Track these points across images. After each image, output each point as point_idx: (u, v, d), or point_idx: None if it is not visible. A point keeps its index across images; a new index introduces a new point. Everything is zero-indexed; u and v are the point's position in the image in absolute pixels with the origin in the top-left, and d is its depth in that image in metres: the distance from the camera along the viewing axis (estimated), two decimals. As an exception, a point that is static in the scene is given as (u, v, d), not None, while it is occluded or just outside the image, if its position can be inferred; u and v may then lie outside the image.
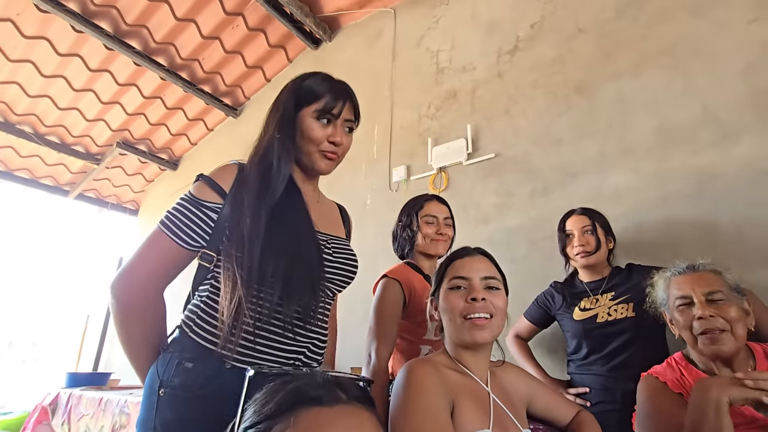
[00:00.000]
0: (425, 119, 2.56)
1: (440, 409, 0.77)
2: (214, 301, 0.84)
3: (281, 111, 0.96)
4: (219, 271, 0.85)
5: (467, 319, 0.88)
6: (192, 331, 0.83)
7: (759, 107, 1.56)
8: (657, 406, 1.11)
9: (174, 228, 0.83)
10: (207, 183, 0.88)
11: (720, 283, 1.12)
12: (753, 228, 1.48)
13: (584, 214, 1.58)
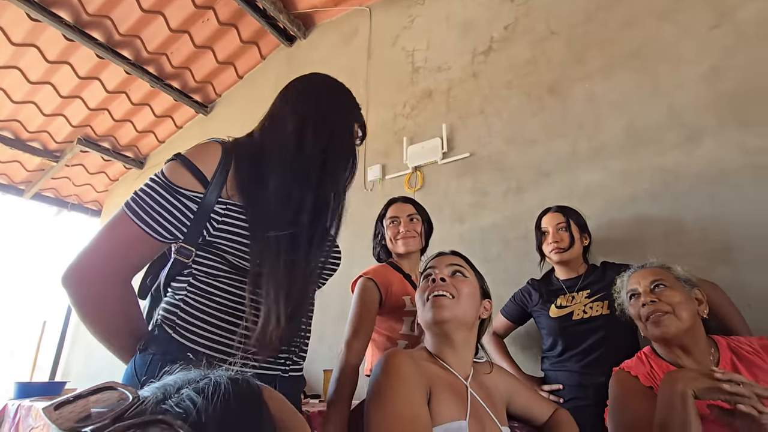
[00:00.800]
0: (401, 118, 2.55)
1: (416, 396, 0.75)
2: (196, 301, 0.77)
3: (349, 119, 0.92)
4: (197, 268, 0.78)
5: (428, 299, 0.91)
6: (176, 332, 0.75)
7: (720, 110, 1.62)
8: (628, 399, 1.12)
9: (143, 215, 0.73)
10: (185, 166, 0.76)
11: (665, 274, 1.18)
12: (715, 225, 1.53)
13: (559, 212, 1.60)
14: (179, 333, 0.75)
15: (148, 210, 0.73)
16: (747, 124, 1.55)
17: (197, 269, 0.78)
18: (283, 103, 0.89)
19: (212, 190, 0.76)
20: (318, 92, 0.91)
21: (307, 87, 0.92)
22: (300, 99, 0.89)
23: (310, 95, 0.90)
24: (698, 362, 1.10)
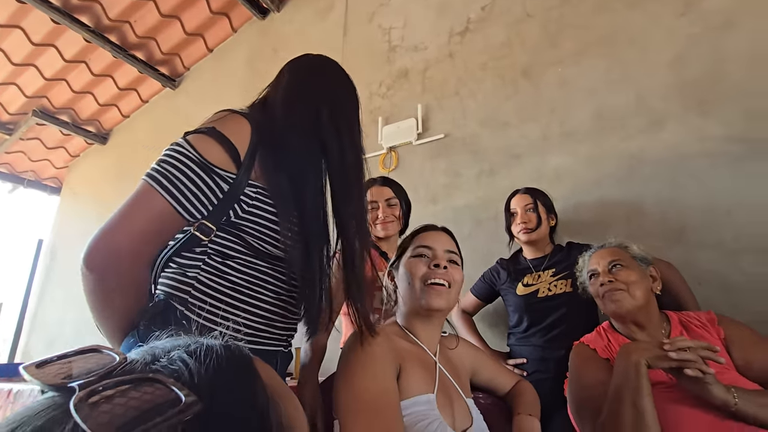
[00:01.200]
0: (376, 97, 2.53)
1: (386, 373, 0.77)
2: (210, 279, 0.76)
3: (355, 106, 0.92)
4: (214, 248, 0.76)
5: (427, 284, 0.89)
6: (188, 308, 0.73)
7: (683, 96, 1.69)
8: (586, 370, 1.18)
9: (173, 189, 0.69)
10: (220, 142, 0.73)
11: (622, 254, 1.25)
12: (672, 208, 1.61)
13: (527, 193, 1.64)
14: (191, 310, 0.73)
15: (179, 185, 0.69)
16: (707, 112, 1.62)
17: (213, 248, 0.76)
18: (297, 84, 0.88)
19: (244, 171, 0.74)
20: (332, 79, 0.91)
21: (319, 70, 0.92)
22: (315, 84, 0.88)
23: (324, 82, 0.89)
24: (651, 336, 1.17)
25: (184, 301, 0.73)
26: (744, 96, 1.57)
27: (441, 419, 0.76)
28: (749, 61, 1.59)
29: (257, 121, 0.80)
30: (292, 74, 0.90)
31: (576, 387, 1.17)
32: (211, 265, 0.76)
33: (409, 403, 0.76)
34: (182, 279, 0.75)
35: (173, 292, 0.75)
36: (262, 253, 0.78)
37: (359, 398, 0.71)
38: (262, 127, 0.79)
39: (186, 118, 3.52)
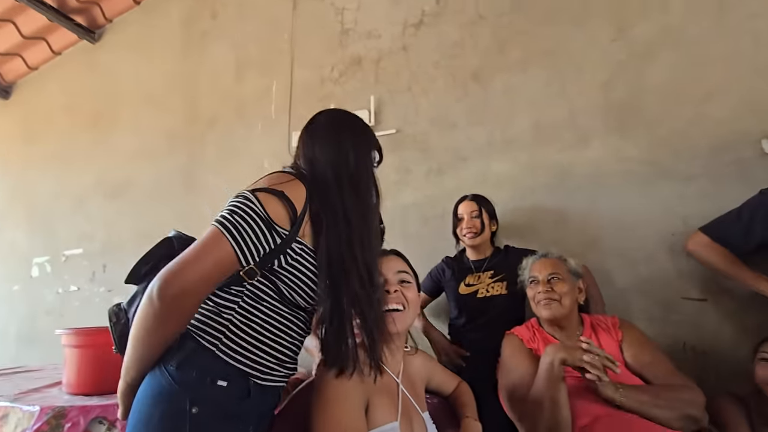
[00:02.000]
0: (328, 83, 2.49)
1: (355, 408, 0.89)
2: (244, 323, 0.85)
3: (372, 159, 1.06)
4: (252, 291, 0.86)
5: (387, 310, 1.00)
6: (220, 350, 0.82)
7: (608, 117, 1.91)
8: (514, 357, 1.41)
9: (240, 241, 0.79)
10: (284, 204, 0.84)
11: (560, 266, 1.47)
12: (590, 219, 1.86)
13: (473, 200, 1.81)
14: (224, 352, 0.82)
15: (245, 236, 0.80)
16: (625, 135, 1.86)
17: (250, 291, 0.86)
18: (333, 148, 0.97)
19: (296, 229, 0.85)
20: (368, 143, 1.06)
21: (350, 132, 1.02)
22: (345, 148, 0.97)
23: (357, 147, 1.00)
24: (568, 336, 1.42)
25: (216, 344, 0.82)
26: (654, 124, 1.82)
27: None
28: (663, 92, 1.83)
29: (309, 185, 0.90)
30: (324, 137, 0.99)
31: (506, 374, 1.40)
32: (245, 309, 0.85)
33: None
34: (217, 320, 0.84)
35: (207, 330, 0.84)
36: (290, 302, 0.89)
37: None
38: (314, 191, 0.90)
39: (108, 76, 3.19)
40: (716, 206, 1.58)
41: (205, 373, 0.80)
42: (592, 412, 1.19)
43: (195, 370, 0.79)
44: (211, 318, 0.85)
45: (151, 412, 0.78)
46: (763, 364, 1.25)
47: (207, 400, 0.78)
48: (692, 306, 1.65)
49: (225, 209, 0.82)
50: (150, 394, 0.79)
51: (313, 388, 0.93)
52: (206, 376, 0.80)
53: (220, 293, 0.87)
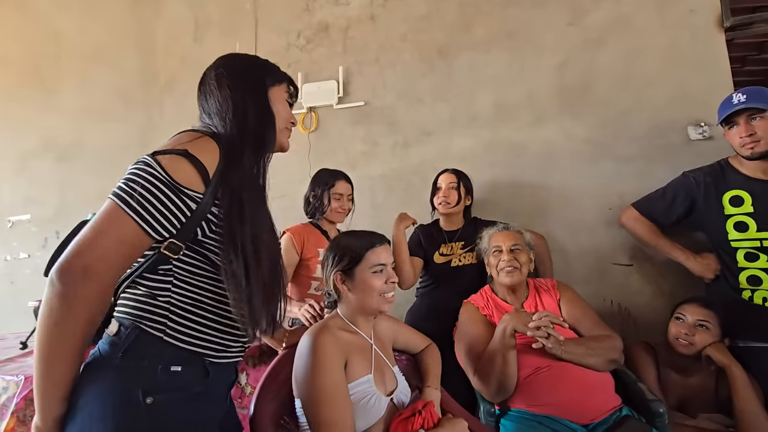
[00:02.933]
0: (294, 49, 2.45)
1: (335, 368, 1.02)
2: (185, 303, 0.79)
3: (256, 86, 0.90)
4: (182, 267, 0.80)
5: (382, 296, 1.13)
6: (167, 335, 0.77)
7: (562, 99, 2.06)
8: (469, 323, 1.60)
9: (143, 211, 0.71)
10: (192, 164, 0.76)
11: (520, 239, 1.65)
12: (540, 192, 2.05)
13: (453, 173, 1.94)
14: (173, 337, 0.78)
15: (148, 206, 0.72)
16: (576, 115, 2.04)
17: (180, 268, 0.80)
18: (226, 98, 0.88)
19: (211, 191, 0.78)
20: (242, 73, 0.91)
21: (233, 76, 0.90)
22: (238, 94, 0.88)
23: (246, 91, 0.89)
24: (517, 299, 1.63)
25: (163, 329, 0.77)
26: (601, 107, 2.01)
27: (378, 393, 1.06)
28: (610, 77, 2.00)
29: (221, 141, 0.83)
30: (230, 84, 0.89)
31: (462, 336, 1.59)
32: (181, 287, 0.80)
33: (354, 384, 1.04)
34: (154, 303, 0.78)
35: (149, 317, 0.77)
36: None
37: (322, 392, 0.97)
38: (226, 148, 0.83)
39: (44, 24, 2.91)
40: (648, 184, 1.82)
41: (155, 361, 0.75)
42: (534, 364, 1.41)
43: (145, 359, 0.75)
44: (149, 303, 0.79)
45: (100, 409, 0.71)
46: (676, 323, 1.51)
47: (162, 388, 0.74)
48: (621, 270, 1.92)
49: (122, 178, 0.73)
50: (95, 390, 0.73)
51: (297, 356, 1.06)
52: (157, 363, 0.75)
53: (149, 275, 0.80)
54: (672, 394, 1.51)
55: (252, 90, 0.90)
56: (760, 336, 1.51)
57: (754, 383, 1.38)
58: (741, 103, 1.50)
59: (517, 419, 1.36)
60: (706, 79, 1.87)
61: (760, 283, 1.52)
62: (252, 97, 0.89)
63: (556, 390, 1.36)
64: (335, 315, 1.20)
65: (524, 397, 1.39)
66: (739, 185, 1.57)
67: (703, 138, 1.85)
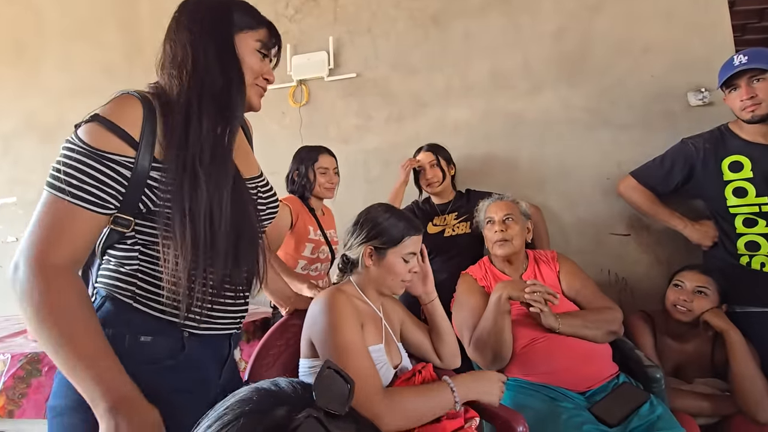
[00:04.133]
0: (283, 19, 2.36)
1: (358, 327, 1.02)
2: (153, 270, 0.75)
3: (219, 31, 0.78)
4: (144, 237, 0.75)
5: (403, 281, 1.14)
6: (137, 302, 0.74)
7: (559, 67, 2.01)
8: (467, 294, 1.59)
9: (74, 190, 0.66)
10: (107, 128, 0.68)
11: (514, 208, 1.62)
12: (538, 163, 2.02)
13: (429, 151, 1.90)
14: (142, 303, 0.74)
15: (78, 183, 0.66)
16: (573, 83, 1.98)
17: (143, 238, 0.75)
18: (183, 46, 0.77)
19: (143, 153, 0.70)
20: (200, 18, 0.79)
21: (193, 20, 0.79)
22: (197, 40, 0.77)
23: (201, 34, 0.78)
24: (516, 269, 1.61)
25: (132, 295, 0.74)
26: (598, 74, 1.96)
27: (387, 362, 1.06)
28: (607, 44, 1.95)
29: (156, 94, 0.75)
30: (189, 28, 0.78)
31: (459, 307, 1.58)
32: (150, 255, 0.75)
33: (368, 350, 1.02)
34: (123, 271, 0.75)
35: (117, 285, 0.75)
36: None
37: (348, 346, 0.96)
38: (163, 99, 0.75)
39: (24, 1, 2.79)
40: (646, 152, 1.79)
41: (123, 331, 0.72)
42: (530, 335, 1.41)
43: (111, 329, 0.70)
44: (117, 271, 0.76)
45: (66, 383, 0.66)
46: (675, 290, 1.51)
47: (128, 358, 0.68)
48: (618, 240, 1.90)
49: (53, 165, 0.68)
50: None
51: (311, 316, 1.05)
52: (125, 333, 0.72)
53: (117, 246, 0.76)
54: (668, 360, 1.51)
55: (213, 35, 0.78)
56: (757, 301, 1.50)
57: (750, 347, 1.38)
58: (742, 64, 1.46)
59: (513, 388, 1.36)
60: (706, 44, 1.83)
61: (758, 249, 1.51)
62: (212, 44, 0.77)
63: (552, 359, 1.35)
64: (348, 282, 1.18)
65: (521, 367, 1.39)
66: (738, 150, 1.54)
67: (703, 104, 1.81)
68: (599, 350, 1.40)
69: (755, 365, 1.34)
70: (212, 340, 0.82)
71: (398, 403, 0.94)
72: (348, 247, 1.17)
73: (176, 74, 0.76)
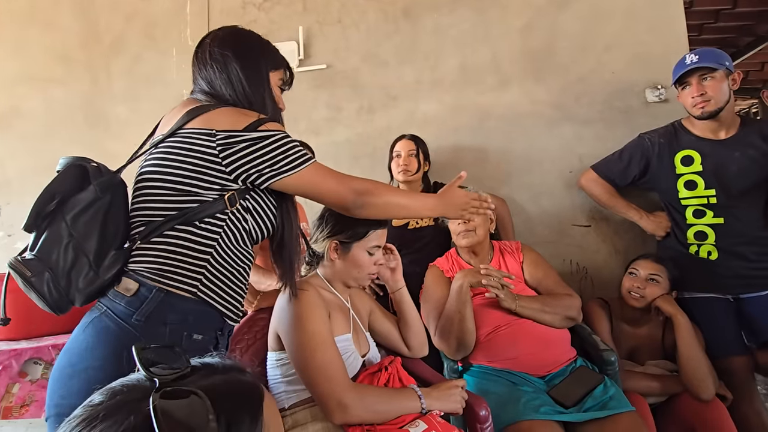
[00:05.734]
0: (251, 8, 2.31)
1: (325, 318, 1.03)
2: (228, 258, 0.84)
3: (262, 68, 0.93)
4: (227, 224, 0.84)
5: (368, 274, 1.16)
6: (202, 291, 0.80)
7: (526, 62, 2.05)
8: (434, 286, 1.62)
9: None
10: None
11: None
12: (505, 156, 2.07)
13: (411, 140, 1.91)
14: (206, 294, 0.81)
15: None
16: (539, 79, 2.03)
17: (230, 222, 0.85)
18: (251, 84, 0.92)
19: None
20: (253, 54, 0.94)
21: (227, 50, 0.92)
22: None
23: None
24: (481, 260, 1.65)
25: (193, 291, 0.79)
26: (563, 70, 2.01)
27: (355, 352, 1.08)
28: (572, 40, 2.00)
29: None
30: (240, 69, 0.92)
31: (427, 299, 1.62)
32: (226, 243, 0.84)
33: (335, 340, 1.04)
34: (198, 256, 0.80)
35: (183, 273, 0.79)
36: (253, 238, 0.90)
37: (314, 338, 0.98)
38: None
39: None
40: (606, 147, 1.86)
41: (178, 328, 0.76)
42: (494, 323, 1.46)
43: (167, 326, 0.75)
44: (189, 257, 0.80)
45: (116, 371, 0.64)
46: (629, 277, 1.58)
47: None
48: (579, 231, 1.98)
49: (286, 150, 0.86)
50: (110, 353, 0.71)
51: (278, 310, 1.06)
52: (181, 330, 0.76)
53: (202, 225, 0.82)
54: (623, 344, 1.60)
55: (261, 76, 0.93)
56: (703, 287, 1.60)
57: (696, 330, 1.48)
58: (693, 63, 1.53)
59: (478, 374, 1.41)
60: (663, 42, 1.90)
61: (705, 238, 1.60)
62: (263, 84, 0.93)
63: (514, 346, 1.41)
64: (315, 275, 1.19)
65: (485, 354, 1.44)
66: (690, 145, 1.63)
67: (659, 101, 1.90)
68: (559, 336, 1.46)
69: (700, 347, 1.43)
70: (227, 335, 0.90)
71: (366, 397, 0.97)
72: (314, 240, 1.18)
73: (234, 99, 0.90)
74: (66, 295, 0.75)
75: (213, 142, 0.81)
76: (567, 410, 1.23)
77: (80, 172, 0.79)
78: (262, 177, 0.85)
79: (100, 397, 0.36)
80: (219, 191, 0.82)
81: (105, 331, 0.73)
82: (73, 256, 0.74)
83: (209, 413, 0.34)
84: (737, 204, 1.57)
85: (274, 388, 1.07)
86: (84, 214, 0.76)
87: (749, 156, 1.55)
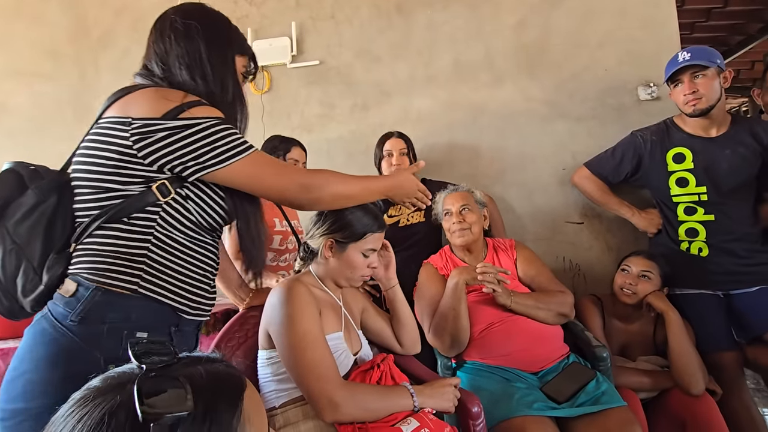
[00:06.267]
0: (243, 3, 2.28)
1: (316, 317, 1.02)
2: (168, 249, 0.79)
3: (227, 48, 0.90)
4: (167, 213, 0.79)
5: (361, 276, 1.14)
6: (142, 287, 0.75)
7: (520, 59, 2.05)
8: (428, 283, 1.62)
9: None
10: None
11: (469, 198, 1.66)
12: (499, 153, 2.07)
13: (401, 138, 1.90)
14: (147, 288, 0.76)
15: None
16: (533, 76, 2.03)
17: (164, 215, 0.79)
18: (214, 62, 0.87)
19: None
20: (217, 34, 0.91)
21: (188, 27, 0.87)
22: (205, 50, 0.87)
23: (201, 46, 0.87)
24: (476, 257, 1.65)
25: (133, 288, 0.74)
26: (556, 67, 2.01)
27: (347, 349, 1.07)
28: (566, 37, 2.00)
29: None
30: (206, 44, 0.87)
31: (421, 296, 1.61)
32: (162, 234, 0.78)
33: (327, 338, 1.03)
34: (133, 252, 0.76)
35: (119, 270, 0.74)
36: (203, 226, 0.84)
37: (305, 337, 0.96)
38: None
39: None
40: (599, 144, 1.87)
41: (118, 327, 0.72)
42: (487, 320, 1.46)
43: (104, 325, 0.71)
44: (124, 254, 0.76)
45: (49, 375, 0.68)
46: (622, 274, 1.59)
47: (125, 355, 0.70)
48: (572, 228, 1.99)
49: (216, 140, 0.79)
50: (44, 356, 0.69)
51: (269, 308, 1.05)
52: (121, 330, 0.72)
53: (131, 221, 0.77)
54: (615, 340, 1.61)
55: (225, 57, 0.89)
56: (694, 283, 1.62)
57: (687, 326, 1.49)
58: (686, 61, 1.54)
59: (471, 371, 1.41)
60: (656, 40, 1.91)
61: (696, 235, 1.62)
62: (227, 66, 0.88)
63: (508, 342, 1.41)
64: (307, 272, 1.18)
65: (479, 351, 1.44)
66: (681, 143, 1.64)
67: (651, 98, 1.90)
68: (551, 332, 1.47)
69: (690, 343, 1.44)
70: (191, 329, 0.87)
71: (358, 395, 0.96)
72: (310, 236, 1.16)
73: (195, 78, 0.84)
74: (16, 302, 0.75)
75: (127, 132, 0.74)
76: (559, 406, 1.24)
77: (14, 177, 0.78)
78: (187, 170, 0.77)
79: (96, 382, 0.41)
80: (144, 183, 0.76)
81: (41, 334, 0.72)
82: (17, 262, 0.74)
83: (187, 395, 0.38)
84: (728, 201, 1.58)
85: (264, 386, 1.06)
86: (26, 220, 0.74)
87: (740, 154, 1.56)
